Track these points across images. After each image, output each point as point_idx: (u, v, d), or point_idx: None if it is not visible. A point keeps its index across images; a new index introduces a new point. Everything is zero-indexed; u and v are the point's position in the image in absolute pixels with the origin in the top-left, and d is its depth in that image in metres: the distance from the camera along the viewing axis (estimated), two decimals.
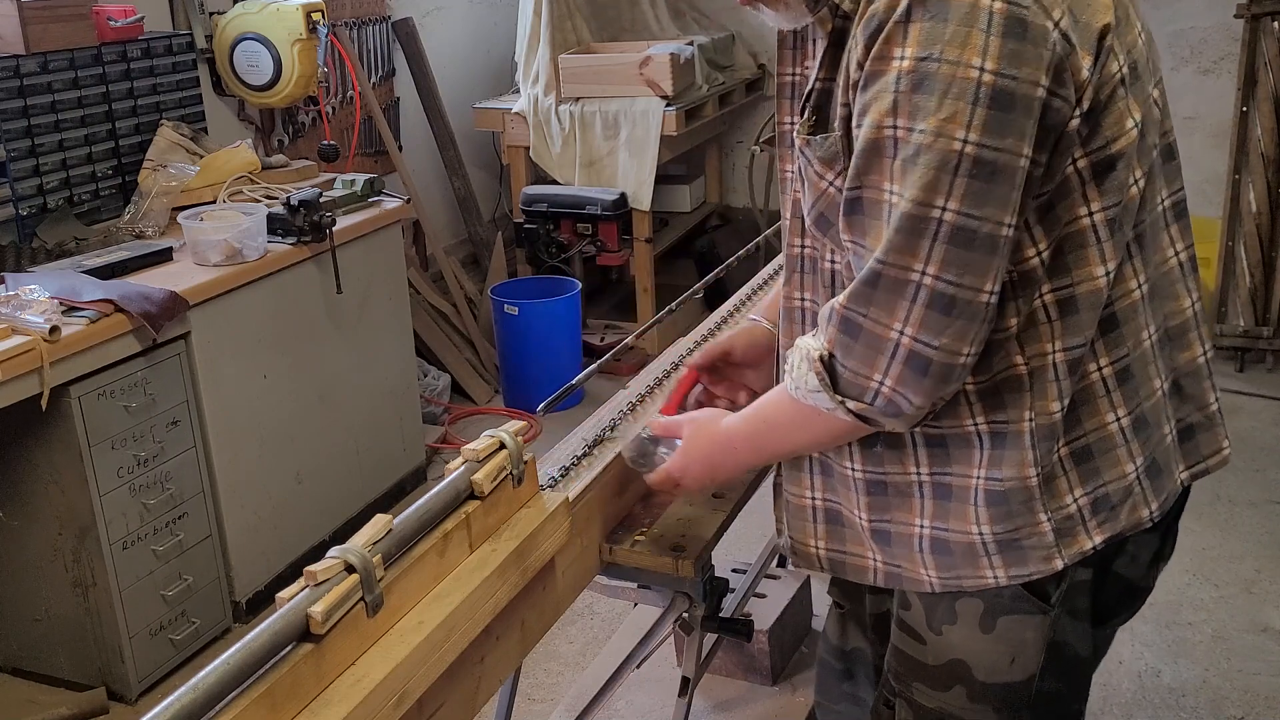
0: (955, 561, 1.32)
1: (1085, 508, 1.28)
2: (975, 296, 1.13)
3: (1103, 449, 1.27)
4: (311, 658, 1.12)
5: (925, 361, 1.15)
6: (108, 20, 3.07)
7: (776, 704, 2.47)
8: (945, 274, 1.12)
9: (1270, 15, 4.12)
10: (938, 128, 1.08)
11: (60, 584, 2.61)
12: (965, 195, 1.10)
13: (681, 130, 4.48)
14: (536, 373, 4.11)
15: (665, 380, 2.01)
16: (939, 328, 1.14)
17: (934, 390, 1.17)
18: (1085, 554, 1.28)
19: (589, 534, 1.68)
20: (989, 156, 1.08)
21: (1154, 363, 1.29)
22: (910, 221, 1.12)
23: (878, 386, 1.19)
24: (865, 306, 1.17)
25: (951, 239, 1.11)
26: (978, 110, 1.07)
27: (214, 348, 2.78)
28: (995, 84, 1.07)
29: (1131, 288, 1.25)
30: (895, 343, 1.16)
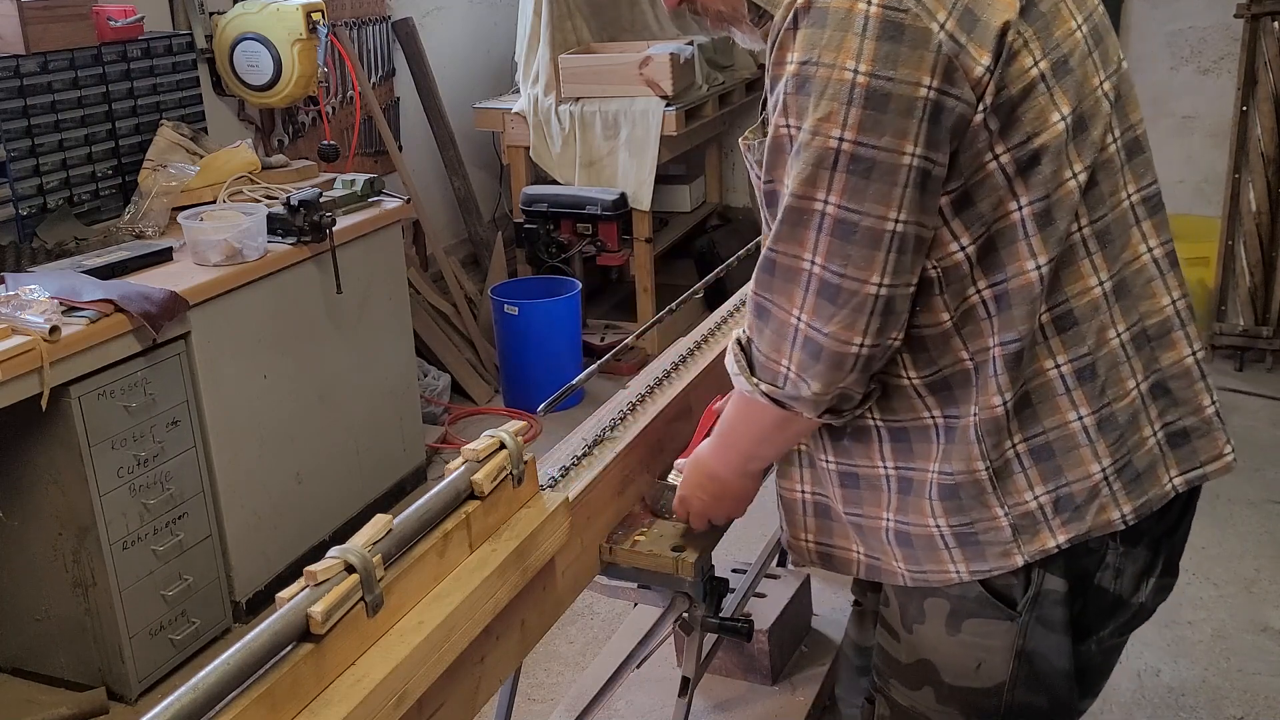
0: (919, 555, 1.34)
1: (1046, 505, 1.28)
2: (860, 288, 1.17)
3: (1064, 447, 1.27)
4: (311, 658, 1.13)
5: (817, 347, 1.21)
6: (108, 20, 3.07)
7: (776, 704, 2.47)
8: (830, 264, 1.18)
9: (1270, 15, 4.12)
10: (814, 126, 1.15)
11: (60, 584, 2.61)
12: (844, 190, 1.15)
13: (681, 130, 4.48)
14: (536, 373, 4.11)
15: (665, 380, 2.01)
16: (827, 315, 1.19)
17: (829, 376, 1.22)
18: (1049, 552, 1.28)
19: (589, 534, 1.68)
20: (865, 154, 1.13)
21: (1126, 363, 1.28)
22: (794, 214, 1.19)
23: (785, 370, 1.25)
24: (769, 292, 1.24)
25: (833, 231, 1.16)
26: (852, 110, 1.12)
27: (214, 348, 2.78)
28: (869, 85, 1.11)
29: (1090, 285, 1.25)
30: (795, 328, 1.22)
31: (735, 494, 1.60)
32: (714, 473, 1.58)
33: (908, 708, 1.42)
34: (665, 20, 5.28)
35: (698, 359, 2.11)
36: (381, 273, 3.39)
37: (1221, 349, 4.32)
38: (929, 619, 1.36)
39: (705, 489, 1.62)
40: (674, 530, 1.76)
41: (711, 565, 1.79)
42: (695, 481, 1.63)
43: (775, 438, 1.40)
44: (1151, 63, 4.65)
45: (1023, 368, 1.25)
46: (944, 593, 1.34)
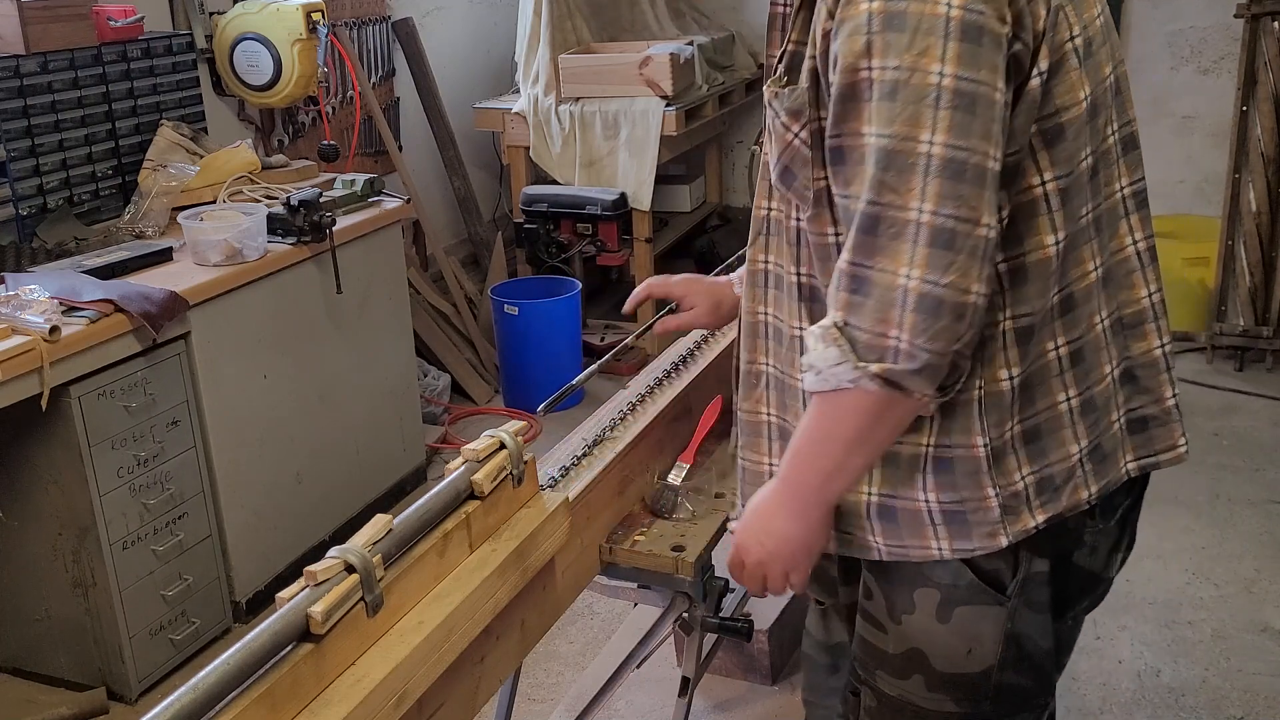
0: (901, 530, 1.32)
1: (1031, 487, 1.29)
2: (973, 229, 1.11)
3: (1051, 429, 1.29)
4: (311, 658, 1.13)
5: (936, 302, 1.11)
6: (108, 20, 3.07)
7: (776, 704, 2.47)
8: (942, 208, 1.10)
9: (1270, 15, 4.12)
10: (912, 63, 1.10)
11: (60, 584, 2.61)
12: (950, 127, 1.10)
13: (681, 130, 4.48)
14: (536, 373, 4.11)
15: (665, 380, 2.01)
16: (943, 264, 1.11)
17: (951, 333, 1.12)
18: (1027, 533, 1.29)
19: (589, 534, 1.68)
20: (966, 88, 1.10)
21: (1105, 348, 1.31)
22: (897, 158, 1.12)
23: (895, 342, 1.13)
24: (869, 256, 1.14)
25: (943, 171, 1.10)
26: (950, 43, 1.09)
27: (214, 348, 2.78)
28: (964, 18, 1.09)
29: (1089, 269, 1.28)
30: (903, 289, 1.12)
31: (810, 532, 1.35)
32: (783, 506, 1.34)
33: (896, 697, 1.41)
34: (665, 20, 5.28)
35: (698, 359, 2.11)
36: (381, 273, 3.39)
37: (1221, 349, 4.32)
38: (919, 609, 1.35)
39: (772, 533, 1.36)
40: (674, 530, 1.76)
41: (711, 565, 1.79)
42: (757, 527, 1.37)
43: (874, 436, 1.24)
44: (1152, 63, 4.65)
45: (1031, 346, 1.25)
46: (934, 582, 1.34)
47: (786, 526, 1.33)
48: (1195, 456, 3.56)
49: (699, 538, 1.74)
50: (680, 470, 1.90)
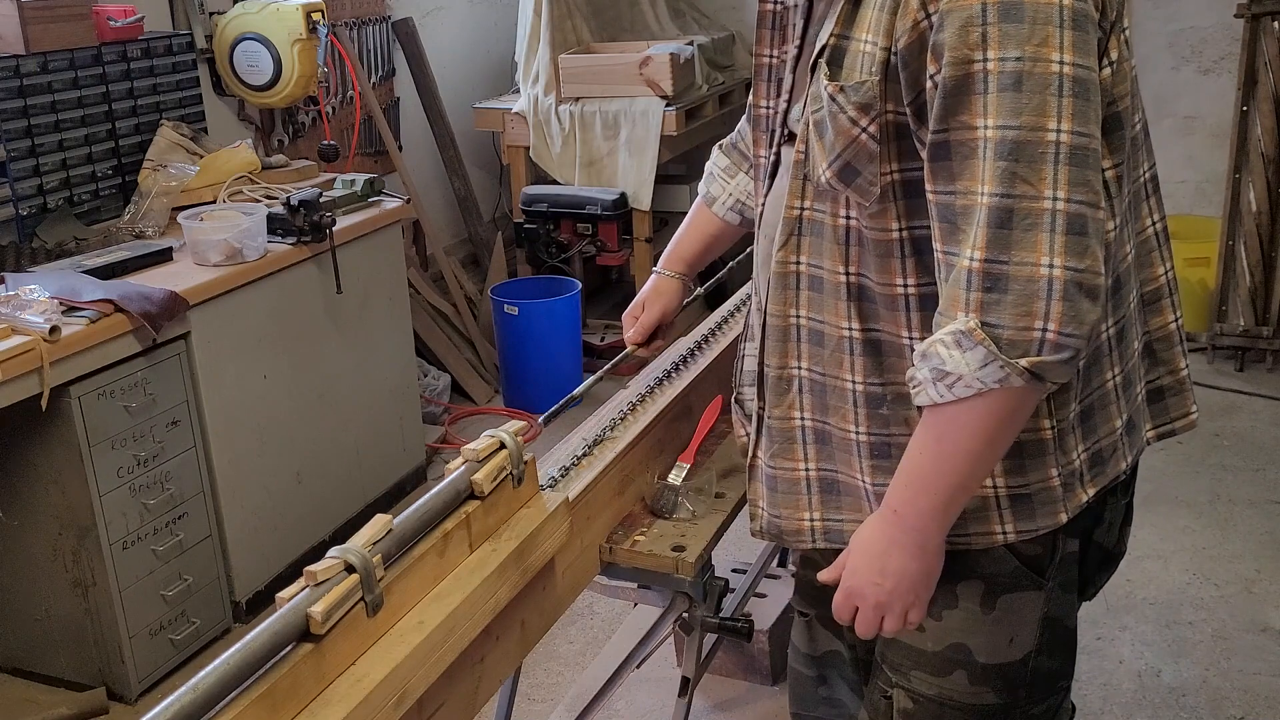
0: (966, 519, 1.29)
1: (1084, 462, 1.33)
2: (1096, 213, 1.13)
3: (1101, 405, 1.33)
4: (311, 658, 1.12)
5: (1078, 288, 1.12)
6: (108, 20, 3.07)
7: (776, 704, 2.47)
8: (1075, 194, 1.11)
9: (1270, 15, 4.12)
10: (1034, 53, 1.10)
11: (60, 584, 2.61)
12: (1074, 114, 1.11)
13: (681, 130, 4.48)
14: (536, 373, 4.11)
15: (665, 380, 2.01)
16: (1080, 250, 1.12)
17: (1092, 316, 1.13)
18: (1081, 506, 1.33)
19: (589, 534, 1.68)
20: (1083, 75, 1.12)
21: (1135, 325, 1.37)
22: (1028, 149, 1.11)
23: (1041, 334, 1.12)
24: (1004, 251, 1.12)
25: (1071, 159, 1.11)
26: (1065, 32, 1.11)
27: (214, 348, 2.78)
28: (1074, 6, 1.11)
29: (1127, 251, 1.33)
30: (1048, 278, 1.11)
31: (930, 563, 1.28)
32: (896, 542, 1.27)
33: (934, 696, 1.39)
34: (665, 20, 5.28)
35: (698, 359, 2.11)
36: (381, 273, 3.39)
37: (1222, 349, 4.31)
38: (962, 602, 1.35)
39: (889, 572, 1.28)
40: (674, 530, 1.76)
41: (711, 565, 1.79)
42: (870, 569, 1.30)
43: (1002, 440, 1.20)
44: (1152, 63, 4.65)
45: None
46: (979, 573, 1.34)
47: (905, 563, 1.27)
48: (1196, 456, 3.58)
49: (699, 538, 1.74)
50: (680, 470, 1.90)
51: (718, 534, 1.78)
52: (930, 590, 1.31)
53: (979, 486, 1.27)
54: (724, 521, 1.81)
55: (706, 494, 1.86)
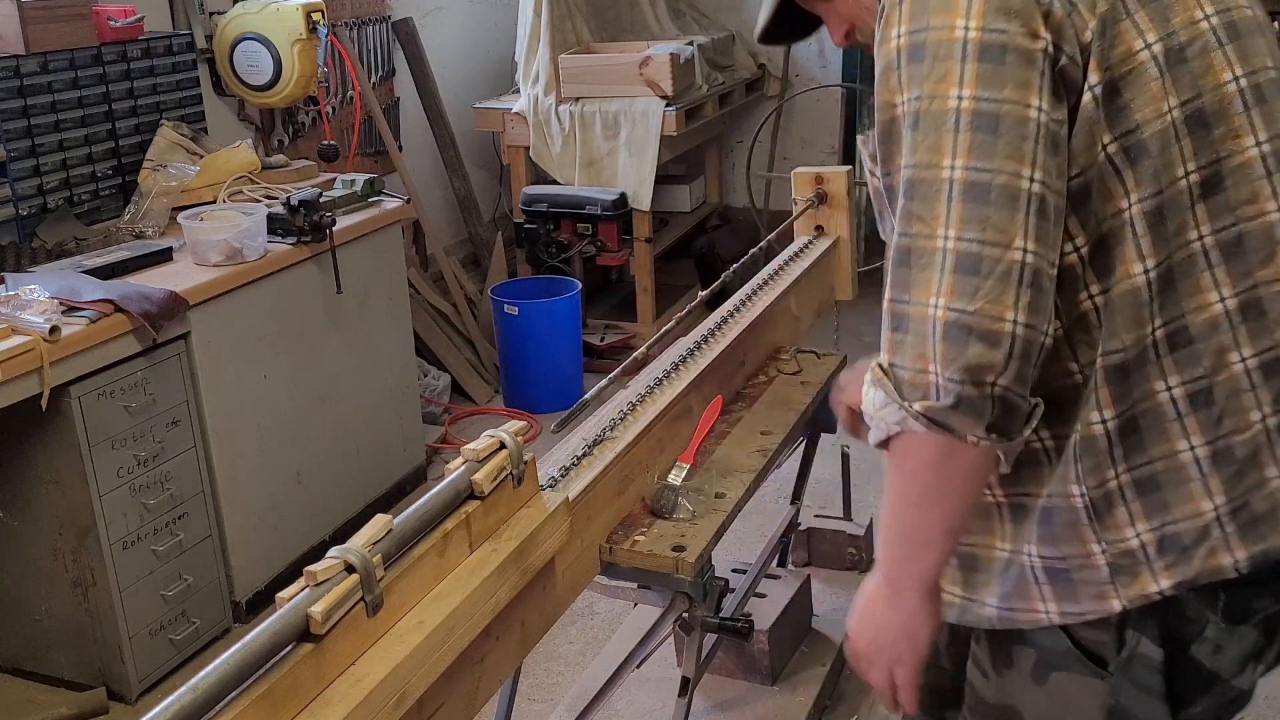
0: (1011, 591, 1.24)
1: (1150, 545, 1.17)
2: (1004, 253, 1.06)
3: (1172, 480, 1.16)
4: (311, 658, 1.13)
5: (964, 329, 1.06)
6: (108, 20, 3.07)
7: (776, 704, 2.47)
8: (966, 232, 1.06)
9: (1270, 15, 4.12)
10: (931, 90, 1.09)
11: (60, 584, 2.61)
12: (970, 149, 1.07)
13: (681, 130, 4.48)
14: (536, 373, 4.11)
15: (665, 380, 2.01)
16: (970, 290, 1.06)
17: (985, 363, 1.05)
18: (1150, 598, 1.17)
19: (589, 534, 1.68)
20: (987, 108, 1.07)
21: (1251, 392, 1.16)
22: (919, 187, 1.09)
23: (934, 379, 1.07)
24: (904, 290, 1.10)
25: (965, 195, 1.07)
26: (967, 65, 1.07)
27: (214, 348, 2.78)
28: (981, 39, 1.07)
29: (1210, 300, 1.15)
30: (933, 319, 1.07)
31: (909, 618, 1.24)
32: (878, 592, 1.26)
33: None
34: (665, 20, 5.28)
35: (698, 359, 2.11)
36: (381, 273, 3.39)
37: None
38: (1016, 666, 1.28)
39: (873, 621, 1.27)
40: (674, 530, 1.76)
41: (711, 565, 1.79)
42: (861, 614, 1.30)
43: (941, 491, 1.16)
44: None
45: (1130, 386, 1.16)
46: (1032, 642, 1.25)
47: (885, 615, 1.25)
48: None
49: (699, 538, 1.74)
50: (680, 470, 1.90)
51: (718, 534, 1.78)
52: (915, 649, 1.25)
53: (947, 536, 1.19)
54: (724, 521, 1.81)
55: (706, 494, 1.86)
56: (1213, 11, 1.17)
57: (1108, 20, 1.11)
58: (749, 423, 2.11)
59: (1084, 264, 1.15)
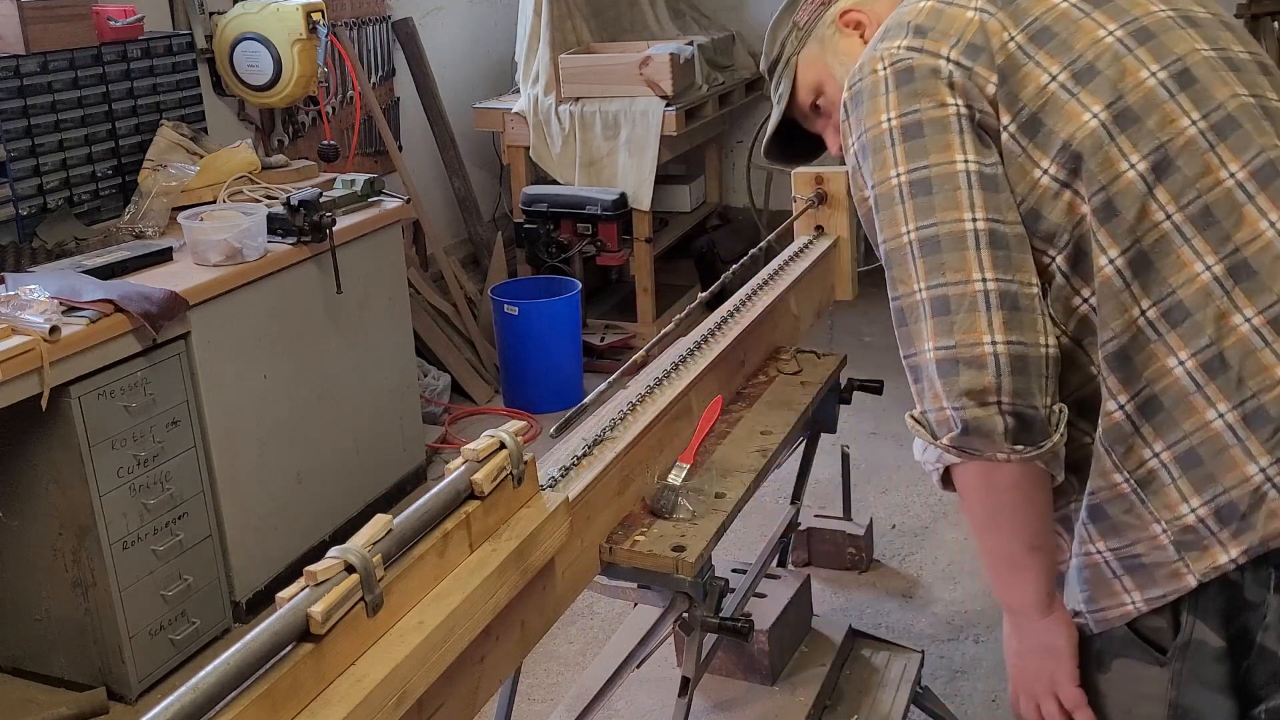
0: (1095, 593, 1.28)
1: (1208, 518, 1.19)
2: (965, 288, 1.22)
3: (1211, 451, 1.19)
4: (311, 658, 1.12)
5: (953, 361, 1.22)
6: (108, 20, 3.07)
7: (776, 704, 2.47)
8: (932, 280, 1.24)
9: (1270, 15, 4.13)
10: (878, 179, 1.30)
11: (60, 584, 2.61)
12: (916, 212, 1.26)
13: (681, 130, 4.48)
14: (536, 373, 4.11)
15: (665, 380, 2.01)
16: (947, 328, 1.22)
17: (977, 386, 1.20)
18: (1224, 569, 1.18)
19: (589, 534, 1.68)
20: (919, 177, 1.26)
21: (1267, 348, 1.17)
22: (892, 257, 1.29)
23: (949, 412, 1.23)
24: (909, 347, 1.28)
25: (922, 251, 1.25)
26: (897, 149, 1.28)
27: (214, 348, 2.78)
28: (902, 123, 1.28)
29: (1196, 270, 1.19)
30: (929, 362, 1.24)
31: (1029, 640, 1.34)
32: (1007, 619, 1.37)
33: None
34: (665, 20, 5.28)
35: (698, 359, 2.11)
36: (381, 273, 3.39)
37: None
38: (1087, 656, 1.34)
39: (1011, 652, 1.38)
40: (674, 530, 1.76)
41: (711, 565, 1.79)
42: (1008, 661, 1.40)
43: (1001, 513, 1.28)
44: None
45: (1135, 368, 1.21)
46: None
47: (1019, 644, 1.37)
48: None
49: (699, 538, 1.74)
50: (680, 470, 1.90)
51: (718, 534, 1.78)
52: (1062, 663, 1.32)
53: (1033, 557, 1.31)
54: (724, 521, 1.81)
55: (706, 494, 1.86)
56: (1117, 25, 1.28)
57: (1007, 70, 1.26)
58: (749, 423, 2.11)
59: (1066, 273, 1.26)
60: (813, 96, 1.63)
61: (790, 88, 1.64)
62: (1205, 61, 1.26)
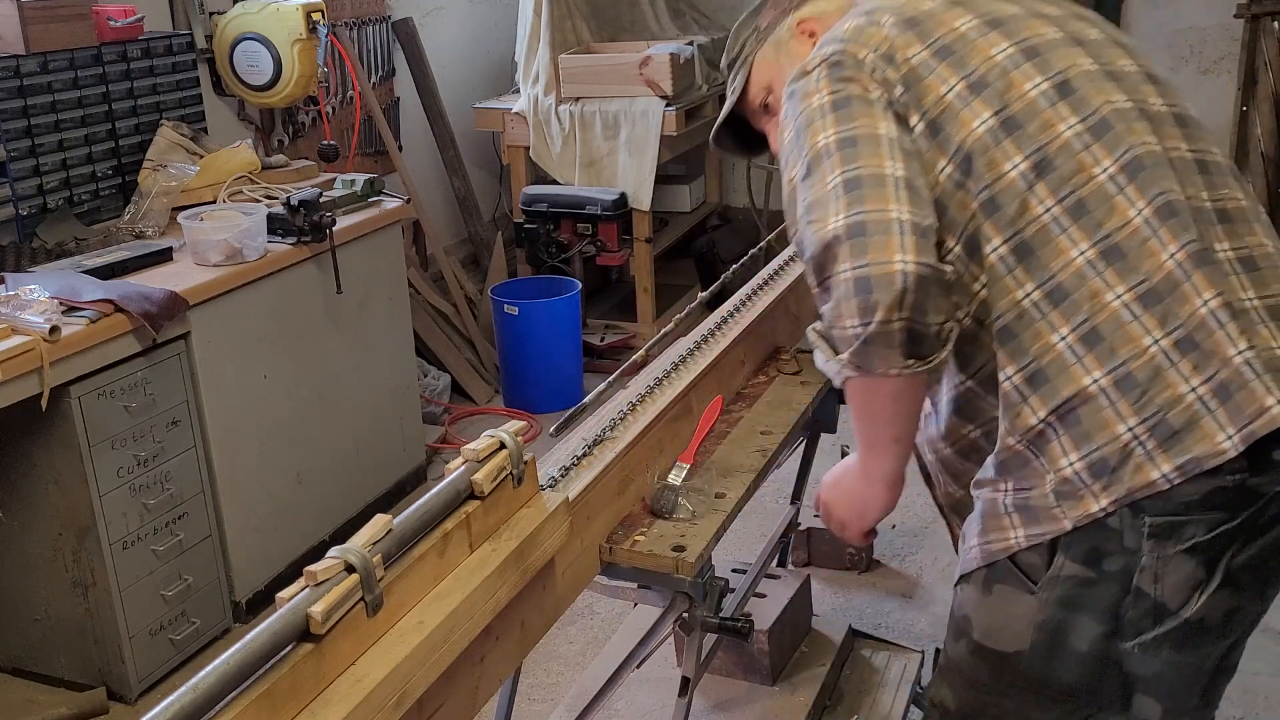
0: (986, 526, 1.46)
1: (1082, 471, 1.34)
2: (884, 215, 1.33)
3: (1089, 412, 1.34)
4: (311, 658, 1.12)
5: (864, 281, 1.32)
6: (108, 20, 3.07)
7: (776, 704, 2.47)
8: (852, 210, 1.34)
9: (1270, 15, 4.12)
10: (809, 143, 1.43)
11: (60, 584, 2.61)
12: (841, 161, 1.39)
13: (681, 130, 4.48)
14: (536, 373, 4.11)
15: (665, 380, 2.01)
16: (862, 249, 1.33)
17: (887, 301, 1.31)
18: (1094, 515, 1.34)
19: (589, 534, 1.68)
20: (846, 135, 1.40)
21: (1135, 321, 1.32)
22: (816, 201, 1.39)
23: (851, 329, 1.35)
24: (820, 272, 1.38)
25: (845, 190, 1.36)
26: (827, 118, 1.43)
27: (214, 348, 2.78)
28: (833, 99, 1.44)
29: (1072, 255, 1.36)
30: (843, 281, 1.34)
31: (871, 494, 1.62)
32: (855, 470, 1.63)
33: (950, 654, 1.56)
34: (665, 20, 5.28)
35: (698, 359, 2.11)
36: (381, 273, 3.39)
37: None
38: (973, 579, 1.49)
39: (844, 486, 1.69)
40: (674, 530, 1.76)
41: (711, 565, 1.79)
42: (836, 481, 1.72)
43: (881, 409, 1.49)
44: None
45: (1022, 343, 1.37)
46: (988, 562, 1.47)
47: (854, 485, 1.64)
48: None
49: (699, 538, 1.74)
50: (680, 470, 1.90)
51: (718, 534, 1.78)
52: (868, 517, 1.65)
53: (896, 447, 1.53)
54: (724, 521, 1.81)
55: (706, 494, 1.86)
56: (1009, 44, 1.45)
57: (911, 80, 1.44)
58: (749, 423, 2.11)
59: (965, 261, 1.41)
60: (763, 95, 1.77)
61: (744, 83, 1.79)
62: (1085, 74, 1.43)
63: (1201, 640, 1.39)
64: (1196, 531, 1.32)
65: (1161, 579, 1.34)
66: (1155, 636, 1.38)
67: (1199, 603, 1.35)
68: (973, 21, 1.48)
